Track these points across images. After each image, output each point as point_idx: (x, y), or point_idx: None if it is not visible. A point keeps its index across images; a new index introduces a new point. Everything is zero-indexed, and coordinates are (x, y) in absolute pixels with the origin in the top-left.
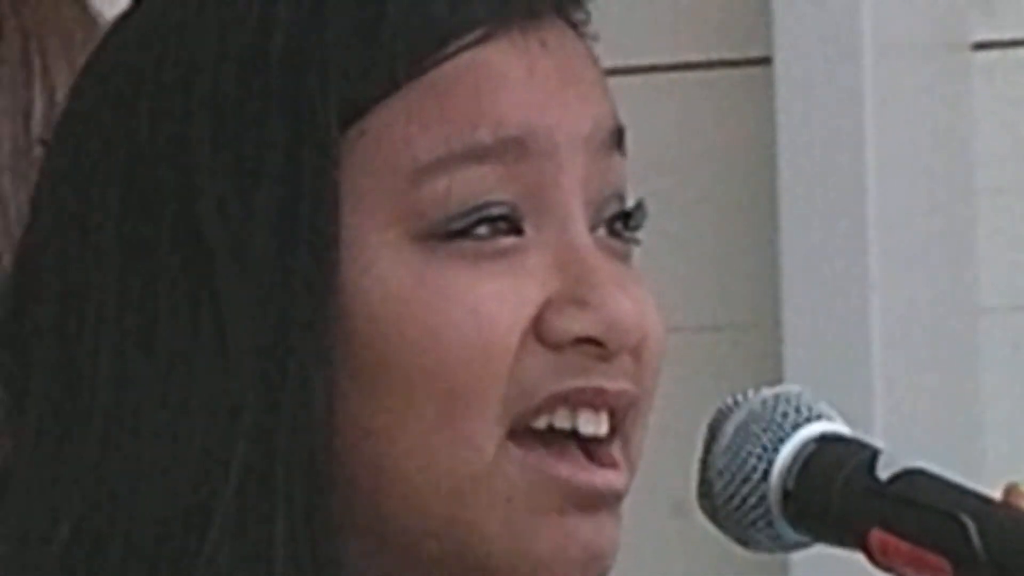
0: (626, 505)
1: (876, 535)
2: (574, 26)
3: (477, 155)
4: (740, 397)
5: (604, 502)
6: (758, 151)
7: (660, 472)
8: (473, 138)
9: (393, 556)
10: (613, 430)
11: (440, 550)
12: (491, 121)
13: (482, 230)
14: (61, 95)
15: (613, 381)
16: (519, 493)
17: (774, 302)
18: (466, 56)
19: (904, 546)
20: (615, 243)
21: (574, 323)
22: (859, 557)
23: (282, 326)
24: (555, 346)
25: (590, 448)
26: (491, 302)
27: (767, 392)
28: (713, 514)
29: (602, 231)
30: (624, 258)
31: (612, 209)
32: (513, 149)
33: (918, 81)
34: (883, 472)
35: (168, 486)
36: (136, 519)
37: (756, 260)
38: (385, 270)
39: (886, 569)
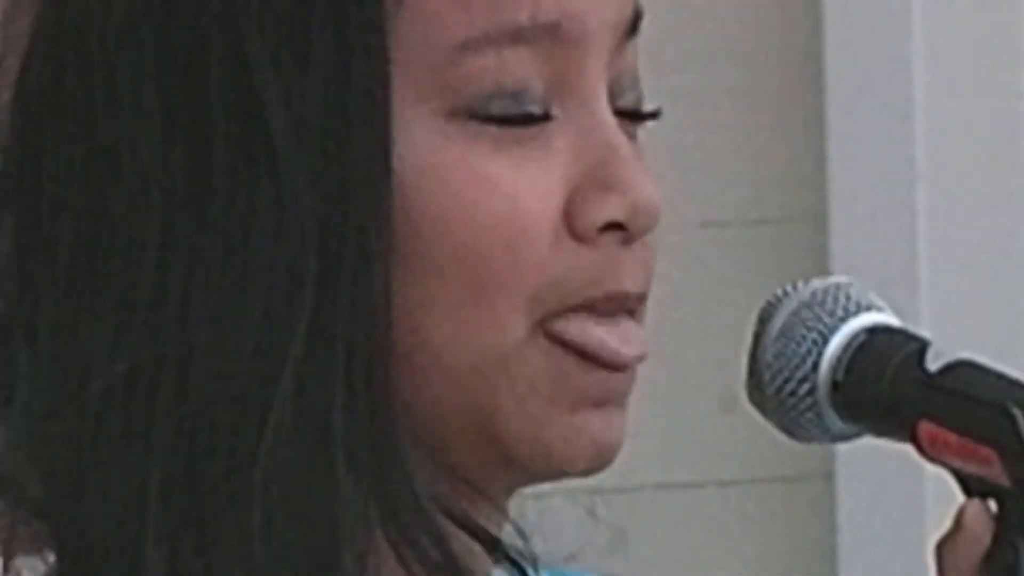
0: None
1: (924, 426)
2: None
3: (515, 36)
4: (790, 288)
5: (614, 400)
6: (805, 43)
7: (709, 366)
8: (514, 19)
9: (425, 433)
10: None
11: (464, 427)
12: (529, 3)
13: (517, 116)
14: None
15: (636, 282)
16: (541, 382)
17: (820, 195)
18: None
19: (952, 437)
20: (626, 124)
21: (601, 209)
22: (906, 449)
23: (341, 194)
24: (584, 237)
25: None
26: (527, 192)
27: (817, 283)
28: (762, 405)
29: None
30: (635, 142)
31: (629, 99)
32: (548, 33)
33: None
34: (932, 364)
35: (226, 357)
36: (188, 392)
37: (803, 154)
38: (421, 145)
39: (933, 460)
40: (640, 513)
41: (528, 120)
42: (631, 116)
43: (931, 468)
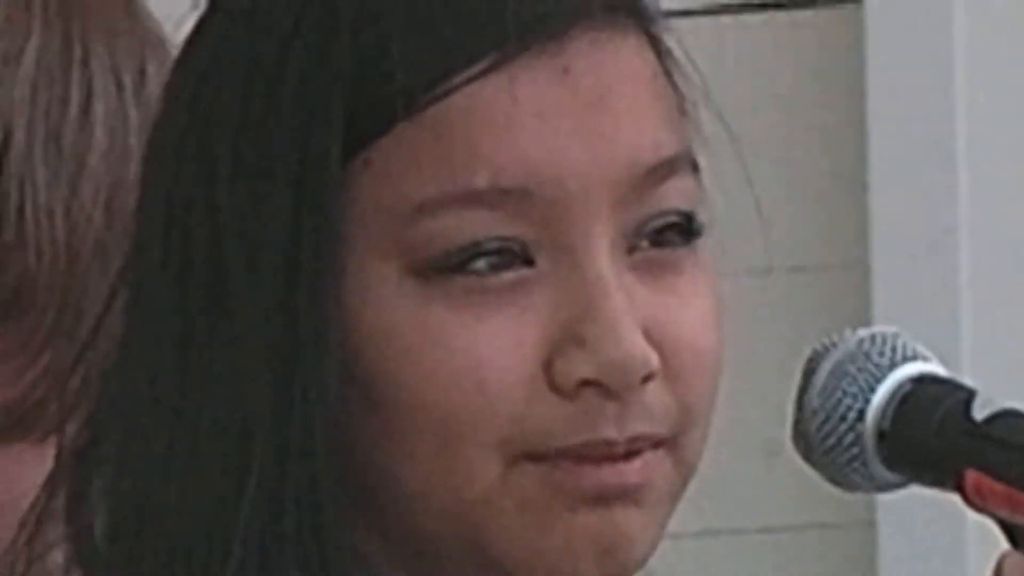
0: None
1: (971, 475)
2: (641, 18)
3: (474, 200)
4: (836, 337)
5: (618, 496)
6: (848, 89)
7: (754, 415)
8: (470, 183)
9: (413, 559)
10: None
11: (457, 557)
12: (489, 168)
13: (480, 265)
14: (98, 85)
15: (624, 428)
16: (532, 500)
17: (863, 243)
18: (470, 89)
19: (999, 487)
20: (662, 254)
21: (574, 367)
22: (951, 498)
23: (288, 348)
24: (563, 392)
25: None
26: (486, 344)
27: (863, 332)
28: (808, 454)
29: (646, 244)
30: (672, 269)
31: (659, 223)
32: (514, 196)
33: (1012, 10)
34: (979, 413)
35: (188, 503)
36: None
37: (846, 201)
38: (384, 303)
39: (980, 510)
40: (682, 560)
41: (494, 268)
42: (666, 243)
43: (973, 516)
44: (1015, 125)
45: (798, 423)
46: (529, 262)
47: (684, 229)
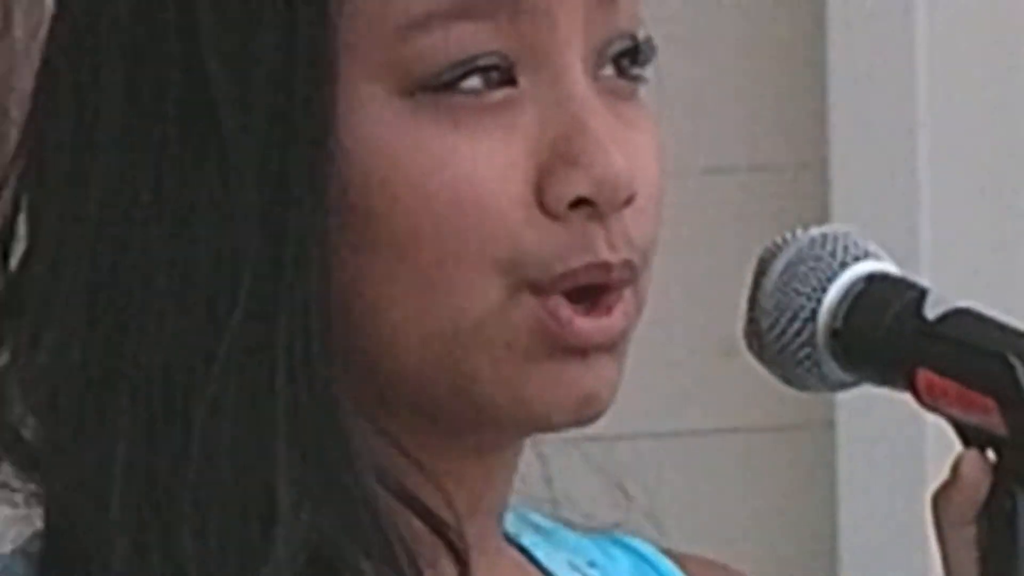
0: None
1: (923, 375)
2: None
3: (466, 11)
4: (788, 236)
5: (598, 347)
6: None
7: (711, 315)
8: None
9: (396, 405)
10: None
11: (438, 396)
12: None
13: (473, 82)
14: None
15: (615, 251)
16: (518, 340)
17: (821, 142)
18: None
19: (951, 386)
20: (621, 83)
21: (566, 185)
22: (906, 398)
23: (282, 178)
24: (555, 214)
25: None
26: (481, 165)
27: (815, 231)
28: (760, 353)
29: (609, 70)
30: (630, 97)
31: (618, 47)
32: (504, 6)
33: None
34: (931, 311)
35: (173, 332)
36: (139, 360)
37: (804, 100)
38: (374, 125)
39: (932, 409)
40: (638, 461)
41: (482, 86)
42: (623, 72)
43: (932, 417)
44: (975, 22)
45: (751, 323)
46: (512, 82)
47: (636, 56)
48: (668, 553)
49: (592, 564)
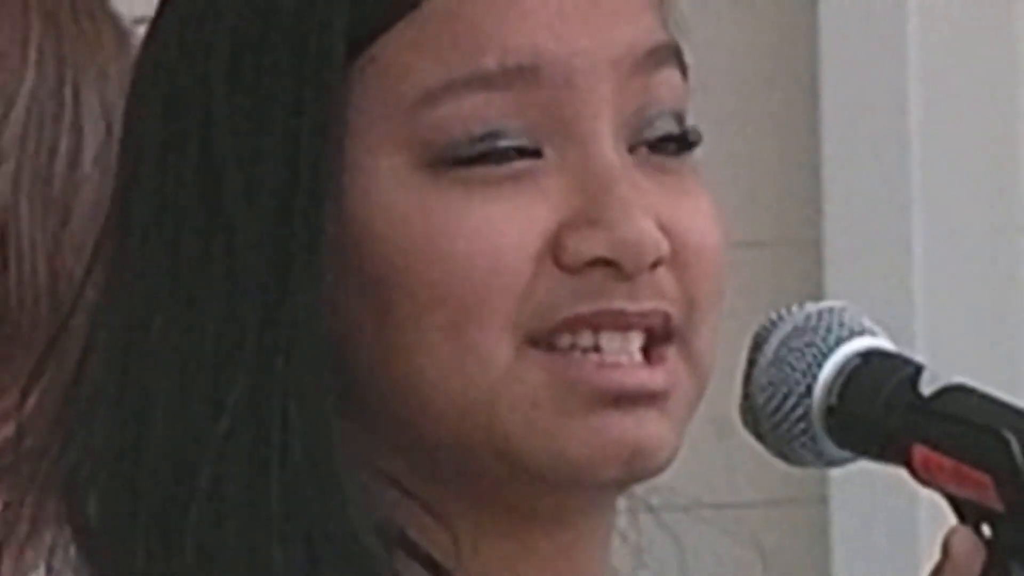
0: None
1: (918, 450)
2: None
3: (482, 83)
4: (784, 312)
5: (639, 400)
6: (802, 67)
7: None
8: (478, 65)
9: (430, 466)
10: (655, 342)
11: (488, 454)
12: (497, 48)
13: (493, 153)
14: (89, 130)
15: (636, 302)
16: (544, 397)
17: (816, 219)
18: None
19: (946, 461)
20: (661, 159)
21: (587, 244)
22: (900, 473)
23: (284, 252)
24: (571, 269)
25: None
26: (499, 222)
27: (811, 307)
28: (756, 429)
29: (644, 150)
30: (673, 172)
31: (661, 129)
32: (523, 77)
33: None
34: (926, 388)
35: (179, 414)
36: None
37: (798, 177)
38: (389, 195)
39: (927, 484)
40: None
41: (503, 158)
42: (658, 147)
43: (926, 492)
44: (968, 103)
45: (746, 399)
46: (537, 153)
47: (679, 141)
48: None
49: None
